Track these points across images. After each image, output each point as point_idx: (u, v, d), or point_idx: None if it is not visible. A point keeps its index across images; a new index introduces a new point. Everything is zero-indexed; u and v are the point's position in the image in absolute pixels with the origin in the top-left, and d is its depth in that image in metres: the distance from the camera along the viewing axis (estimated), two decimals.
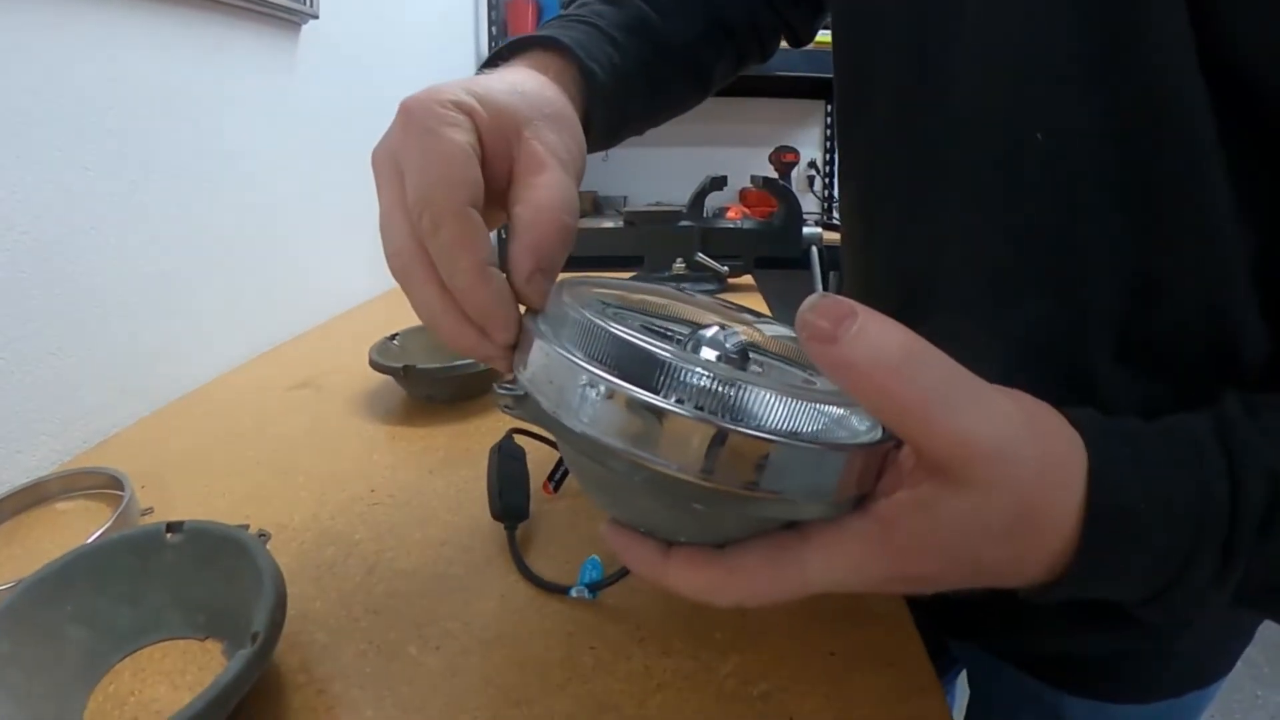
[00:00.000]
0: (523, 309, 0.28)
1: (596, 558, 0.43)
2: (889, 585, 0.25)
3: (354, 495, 0.54)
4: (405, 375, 0.67)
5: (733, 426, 0.20)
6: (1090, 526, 0.24)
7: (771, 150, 2.40)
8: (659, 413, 0.20)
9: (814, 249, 1.74)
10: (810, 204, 2.54)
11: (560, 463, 0.52)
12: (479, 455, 0.60)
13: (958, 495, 0.22)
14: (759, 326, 0.32)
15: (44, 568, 0.37)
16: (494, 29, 2.03)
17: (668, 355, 0.21)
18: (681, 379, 0.21)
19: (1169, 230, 0.32)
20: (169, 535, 0.39)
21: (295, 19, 0.96)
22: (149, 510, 0.52)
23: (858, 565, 0.24)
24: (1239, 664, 0.50)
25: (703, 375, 0.21)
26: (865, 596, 0.42)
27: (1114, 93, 0.32)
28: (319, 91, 1.04)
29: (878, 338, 0.20)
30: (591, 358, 0.22)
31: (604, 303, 0.25)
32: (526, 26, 1.89)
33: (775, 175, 2.33)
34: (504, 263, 0.28)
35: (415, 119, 0.27)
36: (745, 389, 0.21)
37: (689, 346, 0.26)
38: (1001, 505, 0.23)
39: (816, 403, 0.22)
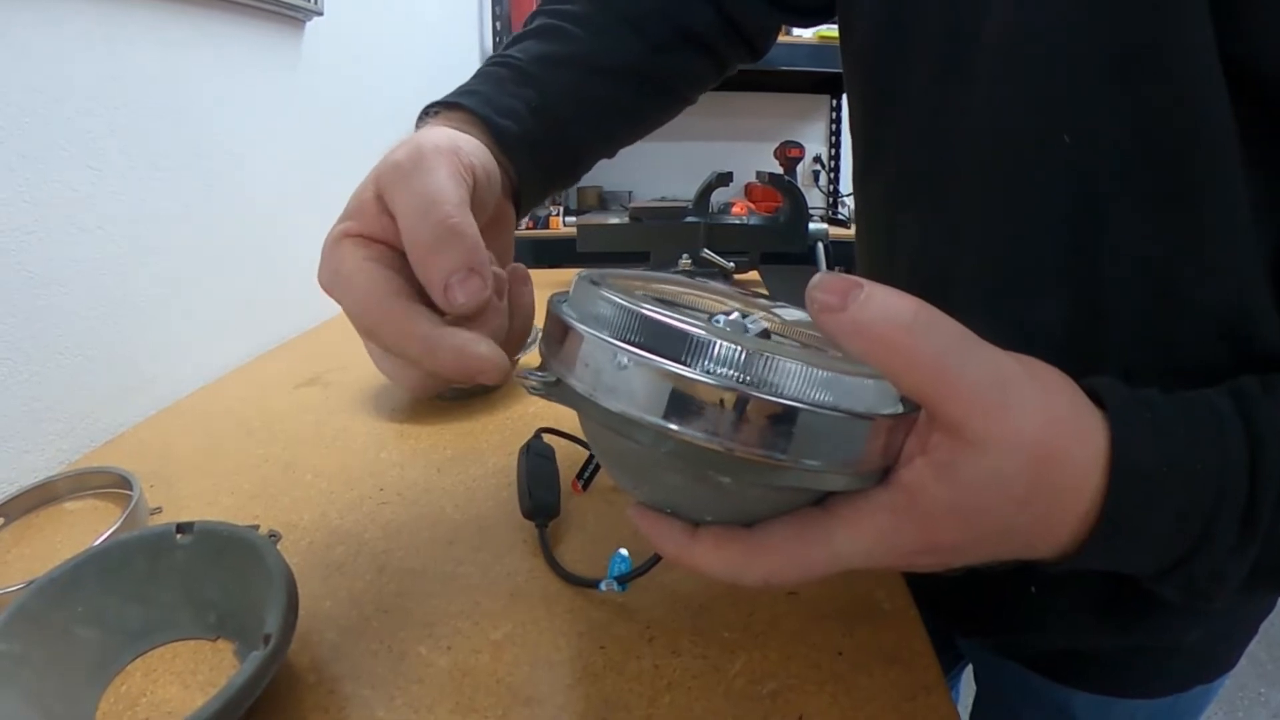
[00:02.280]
0: (567, 307, 0.28)
1: (624, 551, 0.43)
2: (918, 558, 0.25)
3: (363, 494, 0.54)
4: None
5: (758, 393, 0.21)
6: (1113, 488, 0.24)
7: (777, 145, 2.39)
8: (687, 382, 0.21)
9: (819, 244, 1.74)
10: (815, 199, 2.54)
11: (589, 461, 0.51)
12: (487, 453, 0.60)
13: (975, 456, 0.23)
14: (776, 312, 0.32)
15: (55, 568, 0.37)
16: (498, 24, 2.03)
17: (696, 330, 0.21)
18: (709, 351, 0.21)
19: (1190, 232, 0.33)
20: (179, 536, 0.39)
21: (299, 16, 0.96)
22: (158, 509, 0.52)
23: (885, 536, 0.24)
24: (1243, 661, 0.50)
25: (730, 347, 0.21)
26: (872, 595, 0.42)
27: (1138, 96, 0.32)
28: (323, 88, 1.04)
29: (886, 300, 0.21)
30: (621, 338, 0.23)
31: (626, 290, 0.26)
32: None
33: (780, 170, 2.33)
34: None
35: (325, 262, 0.30)
36: (771, 359, 0.21)
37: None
38: (1017, 460, 0.23)
39: (840, 374, 0.22)
